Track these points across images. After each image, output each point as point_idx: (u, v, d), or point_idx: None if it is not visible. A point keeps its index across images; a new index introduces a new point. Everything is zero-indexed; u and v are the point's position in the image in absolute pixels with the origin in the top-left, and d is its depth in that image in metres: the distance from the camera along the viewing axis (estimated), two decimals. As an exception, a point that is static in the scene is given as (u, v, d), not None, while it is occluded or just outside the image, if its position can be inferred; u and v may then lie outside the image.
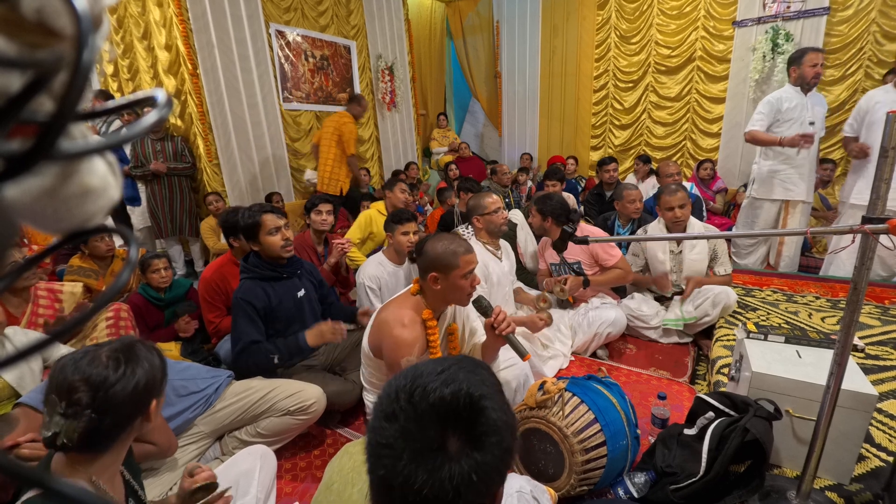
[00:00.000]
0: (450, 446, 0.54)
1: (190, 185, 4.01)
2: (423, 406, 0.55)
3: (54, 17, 0.20)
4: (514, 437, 0.58)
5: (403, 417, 0.55)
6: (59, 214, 0.24)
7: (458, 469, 0.53)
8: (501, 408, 0.58)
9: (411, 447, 0.54)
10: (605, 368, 1.85)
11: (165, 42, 3.76)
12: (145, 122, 0.24)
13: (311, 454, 1.78)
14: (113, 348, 0.93)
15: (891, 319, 2.29)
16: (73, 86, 0.19)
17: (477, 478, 0.53)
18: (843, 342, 1.02)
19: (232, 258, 2.40)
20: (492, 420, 0.56)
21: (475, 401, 0.56)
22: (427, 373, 0.59)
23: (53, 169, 0.23)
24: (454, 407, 0.56)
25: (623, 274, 2.47)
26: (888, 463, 1.37)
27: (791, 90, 3.05)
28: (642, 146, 5.86)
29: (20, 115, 0.20)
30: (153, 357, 0.97)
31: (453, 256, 1.43)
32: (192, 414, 1.58)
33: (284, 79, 4.50)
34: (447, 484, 0.52)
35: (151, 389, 0.94)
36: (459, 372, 0.59)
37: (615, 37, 5.79)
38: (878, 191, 0.94)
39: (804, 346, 1.53)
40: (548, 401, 1.35)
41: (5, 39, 0.20)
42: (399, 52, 5.79)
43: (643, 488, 1.38)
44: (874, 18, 4.22)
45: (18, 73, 0.20)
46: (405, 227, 2.34)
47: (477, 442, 0.55)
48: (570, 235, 1.41)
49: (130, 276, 1.34)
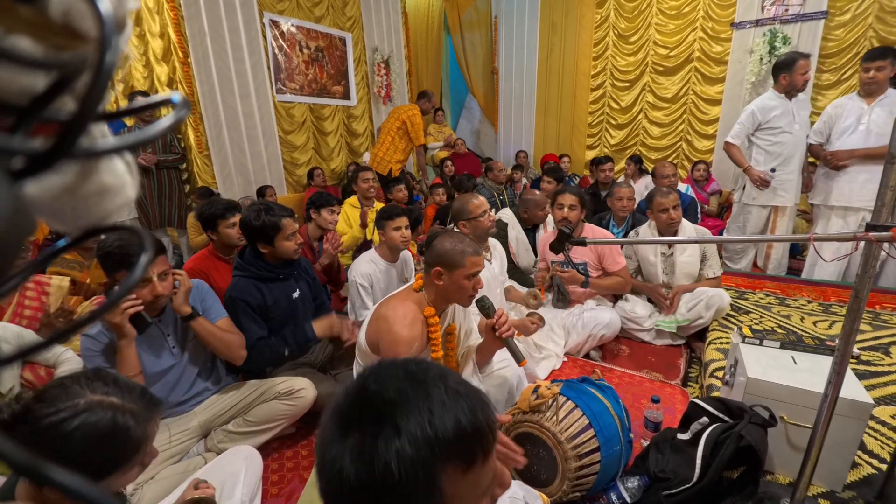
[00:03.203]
0: (351, 437, 0.49)
1: (179, 176, 3.93)
2: (359, 392, 0.52)
3: (80, 19, 0.21)
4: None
5: (341, 396, 0.53)
6: (78, 212, 0.25)
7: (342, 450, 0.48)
8: (413, 441, 0.48)
9: (335, 424, 0.51)
10: (598, 371, 1.83)
11: (159, 29, 3.67)
12: (163, 124, 0.24)
13: (298, 454, 1.74)
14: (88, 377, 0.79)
15: (882, 324, 2.30)
16: (96, 87, 0.20)
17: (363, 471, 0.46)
18: (842, 351, 1.01)
19: (213, 251, 2.34)
20: (389, 443, 0.47)
21: (388, 413, 0.49)
22: (388, 365, 0.55)
23: (73, 167, 0.23)
24: (369, 406, 0.51)
25: (623, 282, 2.45)
26: (880, 470, 1.36)
27: (775, 97, 3.06)
28: (638, 146, 5.85)
29: (43, 114, 0.21)
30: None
31: (460, 255, 1.42)
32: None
33: (278, 70, 4.42)
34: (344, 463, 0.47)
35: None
36: (414, 388, 0.52)
37: (613, 35, 5.77)
38: (882, 198, 0.92)
39: (800, 351, 1.52)
40: (542, 405, 1.33)
41: (32, 41, 0.20)
42: (395, 45, 5.72)
43: (636, 493, 1.36)
44: (871, 24, 4.24)
45: (43, 74, 0.20)
46: (396, 223, 2.30)
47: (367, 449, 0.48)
48: (567, 236, 1.39)
49: (143, 276, 1.30)
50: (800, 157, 3.09)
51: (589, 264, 2.45)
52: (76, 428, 0.70)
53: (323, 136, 5.00)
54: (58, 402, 0.72)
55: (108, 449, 0.74)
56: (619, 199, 2.88)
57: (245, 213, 1.85)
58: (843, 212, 2.97)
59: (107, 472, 0.75)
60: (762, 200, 3.21)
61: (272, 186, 4.21)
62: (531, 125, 6.76)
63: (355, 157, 5.42)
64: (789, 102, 3.03)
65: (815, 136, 3.06)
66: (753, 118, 3.11)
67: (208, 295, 1.68)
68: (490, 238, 2.39)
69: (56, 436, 0.70)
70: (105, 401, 0.75)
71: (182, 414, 1.61)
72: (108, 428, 0.73)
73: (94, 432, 0.72)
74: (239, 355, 1.67)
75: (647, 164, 5.36)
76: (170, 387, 1.58)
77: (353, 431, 0.49)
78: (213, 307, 1.67)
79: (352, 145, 5.40)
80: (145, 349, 1.50)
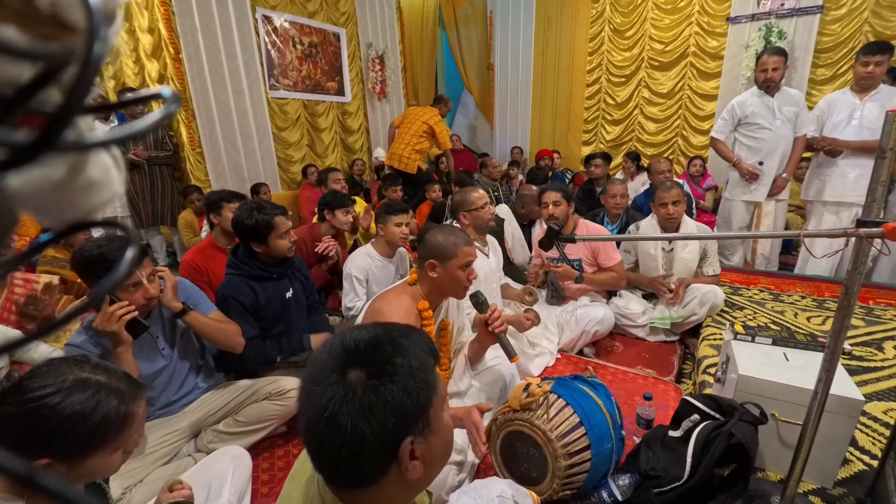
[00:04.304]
0: (349, 376, 0.55)
1: (171, 173, 3.90)
2: (336, 345, 0.59)
3: (68, 10, 0.20)
4: (424, 389, 0.58)
5: (319, 354, 0.60)
6: (62, 206, 0.24)
7: (347, 393, 0.54)
8: (416, 364, 0.58)
9: (314, 374, 0.57)
10: (591, 367, 1.82)
11: (148, 25, 3.63)
12: (152, 118, 0.24)
13: (289, 454, 1.73)
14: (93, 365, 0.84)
15: (875, 320, 2.30)
16: (83, 79, 0.20)
17: (363, 405, 0.53)
18: (832, 348, 1.00)
19: (212, 242, 2.33)
20: (400, 365, 0.57)
21: (384, 344, 0.58)
22: (358, 328, 0.63)
23: (59, 160, 0.23)
24: (364, 347, 0.58)
25: (618, 277, 2.43)
26: (871, 466, 1.36)
27: (756, 92, 3.08)
28: (634, 142, 5.84)
29: (28, 106, 0.20)
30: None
31: (453, 246, 1.43)
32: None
33: (271, 66, 4.38)
34: (331, 404, 0.53)
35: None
36: (390, 331, 0.61)
37: (609, 30, 5.74)
38: (873, 193, 0.91)
39: (791, 348, 1.51)
40: (532, 403, 1.32)
41: (19, 30, 0.20)
42: (390, 40, 5.68)
43: (627, 491, 1.35)
44: (867, 18, 4.22)
45: (29, 64, 0.20)
46: (399, 219, 2.29)
47: (377, 378, 0.55)
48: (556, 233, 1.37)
49: (129, 274, 1.28)
50: (781, 154, 3.05)
51: (584, 260, 2.44)
52: (63, 401, 0.75)
53: (317, 133, 4.97)
54: (47, 377, 0.77)
55: (93, 423, 0.77)
56: (613, 197, 2.88)
57: (237, 213, 1.83)
58: (835, 207, 2.96)
59: (92, 446, 0.78)
60: (737, 195, 3.26)
61: (266, 184, 4.18)
62: (527, 121, 6.74)
63: (350, 153, 5.39)
64: (770, 98, 3.01)
65: (810, 128, 3.03)
66: (733, 113, 3.16)
67: (193, 291, 1.66)
68: (487, 234, 2.39)
69: (44, 407, 0.73)
70: (92, 378, 0.80)
71: (172, 414, 1.60)
72: (93, 402, 0.77)
73: (80, 406, 0.76)
74: (238, 342, 1.67)
75: (644, 160, 5.34)
76: (162, 386, 1.57)
77: (352, 368, 0.56)
78: (201, 302, 1.65)
79: (346, 142, 5.36)
80: (137, 353, 1.47)
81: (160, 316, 1.56)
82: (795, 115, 3.01)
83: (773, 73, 2.95)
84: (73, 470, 0.78)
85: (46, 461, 0.75)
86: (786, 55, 3.01)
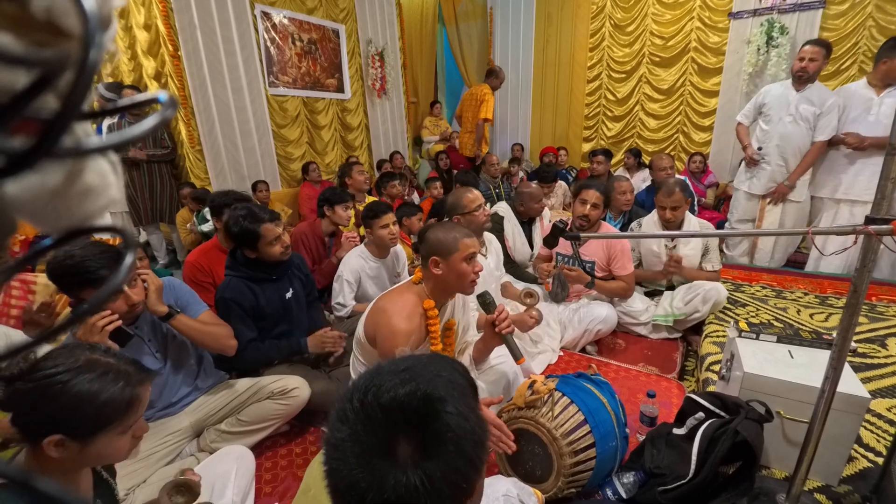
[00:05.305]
0: (399, 452, 0.50)
1: (170, 171, 3.88)
2: (374, 407, 0.52)
3: (63, 16, 0.20)
4: (478, 445, 0.53)
5: (353, 418, 0.52)
6: (60, 212, 0.24)
7: (403, 478, 0.48)
8: (463, 413, 0.53)
9: (357, 450, 0.50)
10: (595, 365, 1.81)
11: (144, 21, 3.60)
12: (148, 124, 0.23)
13: (292, 452, 1.73)
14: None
15: (878, 316, 2.30)
16: (79, 85, 0.19)
17: (425, 489, 0.48)
18: (840, 346, 0.99)
19: (217, 244, 2.32)
20: (448, 426, 0.51)
21: (431, 403, 0.52)
22: (387, 371, 0.56)
23: (55, 167, 0.23)
24: (407, 409, 0.52)
25: (626, 288, 2.41)
26: (876, 464, 1.36)
27: (786, 83, 3.03)
28: (634, 139, 5.82)
29: (24, 113, 0.20)
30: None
31: (453, 241, 1.42)
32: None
33: (270, 63, 4.35)
34: (391, 494, 0.48)
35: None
36: (423, 371, 0.55)
37: (610, 26, 5.71)
38: (883, 190, 0.90)
39: (796, 345, 1.50)
40: (537, 401, 1.32)
41: (13, 37, 0.20)
42: (390, 37, 5.64)
43: (632, 489, 1.35)
44: (870, 13, 4.19)
45: (24, 71, 0.20)
46: (383, 220, 2.28)
47: (429, 449, 0.50)
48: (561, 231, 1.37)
49: (127, 278, 1.27)
50: (781, 153, 2.99)
51: (597, 264, 2.42)
52: (72, 379, 0.79)
53: (317, 130, 4.94)
54: (59, 358, 0.81)
55: (99, 402, 0.80)
56: (623, 194, 2.87)
57: (226, 218, 1.81)
58: (849, 205, 2.94)
59: (100, 425, 0.81)
60: (739, 183, 3.30)
61: (266, 181, 4.16)
62: (527, 118, 6.71)
63: (350, 150, 5.37)
64: (794, 92, 2.94)
65: (829, 135, 2.90)
66: (756, 100, 3.16)
67: (182, 291, 1.62)
68: (486, 233, 2.37)
69: (55, 384, 0.78)
70: (101, 360, 0.84)
71: (173, 415, 1.59)
72: (100, 383, 0.81)
73: (88, 385, 0.80)
74: (228, 345, 1.63)
75: (645, 156, 5.33)
76: (157, 392, 1.53)
77: (398, 443, 0.50)
78: (191, 303, 1.61)
79: (346, 139, 5.34)
80: None
81: (147, 320, 1.51)
82: (815, 116, 2.88)
83: (809, 64, 2.83)
84: (85, 449, 0.81)
85: (59, 437, 0.78)
86: (828, 47, 2.87)
